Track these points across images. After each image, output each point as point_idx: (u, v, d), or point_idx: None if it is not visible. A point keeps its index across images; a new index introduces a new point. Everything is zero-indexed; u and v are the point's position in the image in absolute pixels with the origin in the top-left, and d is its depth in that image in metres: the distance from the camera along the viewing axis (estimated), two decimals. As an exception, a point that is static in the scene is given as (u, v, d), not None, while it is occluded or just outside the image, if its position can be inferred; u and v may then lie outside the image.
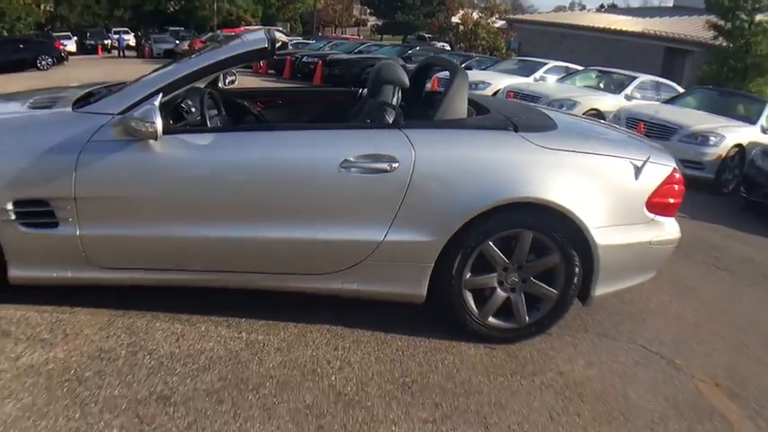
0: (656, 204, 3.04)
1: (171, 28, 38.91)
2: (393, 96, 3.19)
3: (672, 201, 3.10)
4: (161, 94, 2.66)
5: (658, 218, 3.07)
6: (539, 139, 2.89)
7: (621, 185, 2.97)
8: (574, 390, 2.68)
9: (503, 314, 2.94)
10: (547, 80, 12.80)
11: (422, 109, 3.36)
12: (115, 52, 35.58)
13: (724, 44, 17.44)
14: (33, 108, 3.08)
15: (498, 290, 2.90)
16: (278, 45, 2.91)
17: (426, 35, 43.58)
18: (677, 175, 3.11)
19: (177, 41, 32.66)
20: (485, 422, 2.38)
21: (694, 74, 19.62)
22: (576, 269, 2.88)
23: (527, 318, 2.94)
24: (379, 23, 60.21)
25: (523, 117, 3.20)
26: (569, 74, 12.85)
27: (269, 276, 2.83)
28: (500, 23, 32.00)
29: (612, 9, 42.89)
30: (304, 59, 17.99)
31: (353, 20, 68.15)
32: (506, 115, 3.14)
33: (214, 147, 2.72)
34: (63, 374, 2.40)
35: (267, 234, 2.70)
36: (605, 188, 2.93)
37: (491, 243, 2.80)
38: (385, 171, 2.68)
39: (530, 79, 12.61)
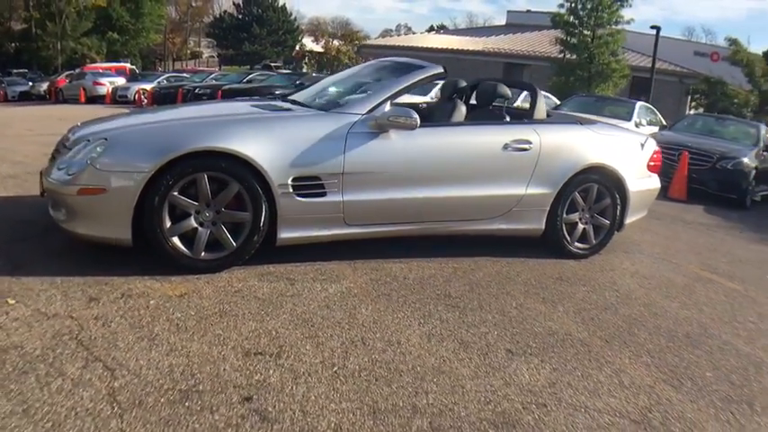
0: (651, 166, 4.99)
1: (15, 71, 36.31)
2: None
3: (656, 164, 5.06)
4: (390, 101, 3.98)
5: (651, 174, 5.01)
6: (594, 129, 4.70)
7: (636, 153, 4.87)
8: (633, 273, 4.53)
9: (580, 240, 4.67)
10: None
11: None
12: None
13: (568, 56, 20.04)
14: (266, 110, 4.04)
15: (579, 223, 4.63)
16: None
17: (272, 64, 44.30)
18: (658, 149, 5.09)
19: (31, 83, 31.28)
20: (592, 285, 4.17)
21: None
22: (618, 207, 4.70)
23: (594, 240, 4.70)
24: (215, 55, 60.27)
25: (577, 118, 5.01)
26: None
27: (456, 223, 4.26)
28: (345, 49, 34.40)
29: (446, 30, 47.16)
30: (197, 91, 18.65)
31: (188, 52, 67.31)
32: (567, 117, 4.92)
33: (432, 135, 4.08)
34: (364, 294, 3.54)
35: (459, 193, 4.11)
36: (629, 155, 4.80)
37: (576, 193, 4.52)
38: (526, 150, 4.28)
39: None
